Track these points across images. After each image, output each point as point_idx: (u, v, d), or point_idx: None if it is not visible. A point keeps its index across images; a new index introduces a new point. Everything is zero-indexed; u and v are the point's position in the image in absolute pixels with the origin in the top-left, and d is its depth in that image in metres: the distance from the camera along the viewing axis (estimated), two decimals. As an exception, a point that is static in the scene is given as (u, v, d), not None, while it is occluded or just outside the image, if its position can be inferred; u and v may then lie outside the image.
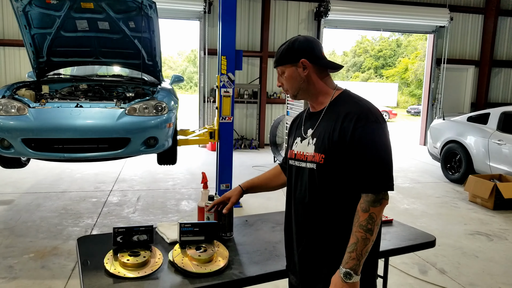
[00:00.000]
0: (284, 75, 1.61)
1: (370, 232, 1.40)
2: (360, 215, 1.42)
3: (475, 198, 5.97)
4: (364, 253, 1.40)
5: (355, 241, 1.40)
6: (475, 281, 3.57)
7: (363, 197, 1.43)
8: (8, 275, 3.36)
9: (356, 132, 1.42)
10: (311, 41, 1.58)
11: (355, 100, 1.52)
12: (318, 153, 1.50)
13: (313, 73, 1.57)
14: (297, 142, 1.64)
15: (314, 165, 1.51)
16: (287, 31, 10.72)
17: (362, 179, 1.42)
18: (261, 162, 8.58)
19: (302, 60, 1.54)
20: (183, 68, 46.70)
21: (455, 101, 12.15)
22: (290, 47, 1.57)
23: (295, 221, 1.64)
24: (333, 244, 1.51)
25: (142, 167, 7.65)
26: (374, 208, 1.41)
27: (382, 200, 1.42)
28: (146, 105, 4.29)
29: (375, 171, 1.41)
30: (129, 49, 5.14)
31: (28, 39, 4.79)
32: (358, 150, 1.42)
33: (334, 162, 1.47)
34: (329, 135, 1.47)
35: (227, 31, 4.87)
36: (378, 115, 1.47)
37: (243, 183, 2.02)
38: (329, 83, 1.61)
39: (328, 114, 1.54)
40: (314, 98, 1.61)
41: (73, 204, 5.29)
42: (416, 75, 36.09)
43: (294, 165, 1.64)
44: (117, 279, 1.64)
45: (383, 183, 1.42)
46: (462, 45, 11.86)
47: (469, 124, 7.11)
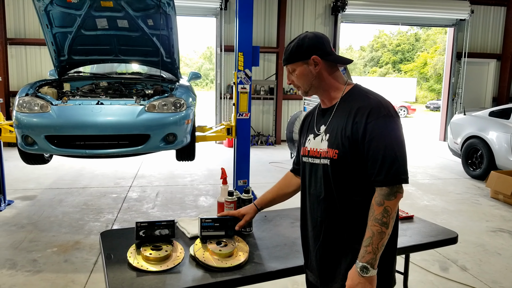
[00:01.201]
0: (295, 73, 1.60)
1: (385, 225, 1.40)
2: (375, 209, 1.42)
3: (497, 194, 5.85)
4: (380, 246, 1.40)
5: (371, 235, 1.40)
6: (498, 278, 3.50)
7: (377, 191, 1.43)
8: (33, 268, 3.45)
9: (368, 126, 1.42)
10: (321, 37, 1.58)
11: (366, 95, 1.52)
12: (331, 148, 1.50)
13: (324, 69, 1.56)
14: (310, 139, 1.64)
15: (328, 161, 1.52)
16: (304, 27, 10.65)
17: (375, 173, 1.42)
18: (278, 158, 8.58)
19: (313, 57, 1.54)
20: (199, 65, 46.90)
21: (476, 95, 11.90)
22: (300, 44, 1.56)
23: (310, 218, 1.65)
24: (350, 239, 1.51)
25: (160, 163, 7.74)
26: (389, 202, 1.41)
27: (397, 193, 1.42)
28: (165, 102, 4.33)
29: (388, 165, 1.40)
30: (148, 46, 5.19)
31: (50, 38, 4.88)
32: (371, 144, 1.42)
33: (348, 157, 1.47)
34: (342, 130, 1.48)
35: (244, 27, 4.87)
36: (390, 108, 1.46)
37: (257, 200, 2.00)
38: (340, 78, 1.61)
39: (340, 109, 1.54)
40: (326, 94, 1.61)
41: (93, 200, 5.40)
42: (435, 69, 35.45)
43: (308, 162, 1.64)
44: (140, 272, 1.67)
45: (397, 176, 1.41)
46: (483, 38, 11.60)
47: (491, 119, 6.97)
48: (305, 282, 1.78)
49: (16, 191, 5.67)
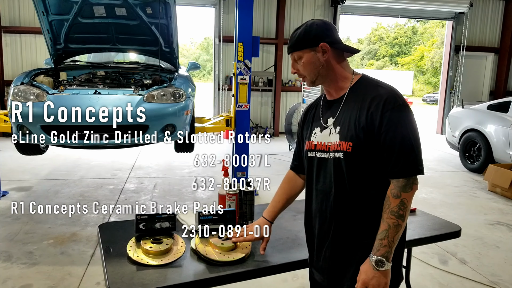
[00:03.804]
0: (301, 61, 1.53)
1: (401, 218, 1.37)
2: (391, 201, 1.39)
3: (494, 187, 5.86)
4: (395, 239, 1.38)
5: (386, 228, 1.37)
6: (497, 271, 3.51)
7: (394, 183, 1.40)
8: (28, 260, 3.40)
9: (385, 116, 1.38)
10: (329, 24, 1.53)
11: (379, 84, 1.48)
12: (344, 141, 1.44)
13: (332, 58, 1.51)
14: (316, 132, 1.57)
15: (340, 154, 1.45)
16: (303, 18, 10.57)
17: (392, 164, 1.39)
18: (276, 151, 8.54)
19: (321, 44, 1.48)
20: (196, 56, 46.61)
21: (474, 89, 11.89)
22: (308, 30, 1.50)
23: (319, 215, 1.58)
24: (361, 235, 1.47)
25: (158, 154, 7.68)
26: (405, 194, 1.38)
27: (413, 185, 1.39)
28: (164, 92, 4.28)
29: (405, 155, 1.38)
30: (146, 35, 5.10)
31: (46, 25, 4.79)
32: (388, 135, 1.38)
33: (363, 149, 1.42)
34: (355, 121, 1.42)
35: (244, 17, 4.80)
36: (403, 98, 1.43)
37: (267, 213, 1.81)
38: (347, 68, 1.55)
39: (350, 100, 1.49)
40: (333, 84, 1.54)
41: (90, 191, 5.35)
42: (432, 63, 35.46)
43: (315, 156, 1.57)
44: (140, 266, 1.64)
45: (413, 167, 1.39)
46: (482, 32, 11.56)
47: (489, 112, 6.96)
48: (305, 275, 1.74)
49: (11, 182, 5.60)
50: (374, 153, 1.42)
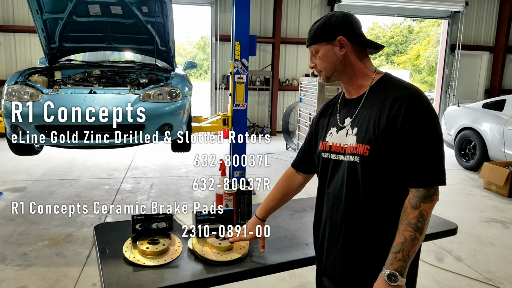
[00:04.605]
0: (318, 55, 1.44)
1: (419, 231, 1.27)
2: (409, 212, 1.28)
3: (489, 185, 5.89)
4: (411, 254, 1.28)
5: (402, 241, 1.28)
6: (492, 268, 3.53)
7: (413, 193, 1.29)
8: (23, 262, 3.37)
9: (408, 119, 1.27)
10: (350, 16, 1.42)
11: (402, 84, 1.37)
12: (361, 144, 1.34)
13: (351, 53, 1.41)
14: (332, 132, 1.48)
15: (356, 158, 1.36)
16: (300, 17, 10.58)
17: (413, 172, 1.28)
18: (273, 150, 8.53)
19: (339, 38, 1.39)
20: (193, 55, 46.49)
21: (469, 88, 11.94)
22: (326, 23, 1.41)
23: (329, 220, 1.49)
24: (373, 244, 1.38)
25: (154, 154, 7.65)
26: (425, 205, 1.28)
27: (433, 195, 1.29)
28: (160, 91, 4.25)
29: (428, 164, 1.27)
30: (142, 34, 5.08)
31: (40, 24, 4.74)
32: (410, 140, 1.27)
33: (381, 154, 1.32)
34: (375, 123, 1.32)
35: (241, 16, 4.79)
36: (428, 101, 1.31)
37: (259, 211, 1.75)
38: (368, 65, 1.45)
39: (370, 100, 1.39)
40: (351, 81, 1.44)
41: (86, 192, 5.31)
42: (428, 62, 35.51)
43: (330, 158, 1.47)
44: (137, 267, 1.61)
45: (436, 177, 1.28)
46: (477, 30, 11.61)
47: (485, 110, 6.99)
48: (303, 274, 1.71)
49: (6, 183, 5.56)
50: (393, 158, 1.31)
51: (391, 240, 1.32)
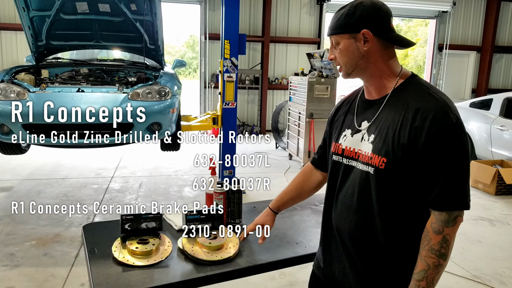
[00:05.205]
0: (338, 47, 1.29)
1: (443, 257, 1.17)
2: (432, 237, 1.18)
3: (476, 183, 5.96)
4: (435, 281, 1.19)
5: (425, 268, 1.18)
6: (479, 266, 3.57)
7: (435, 216, 1.18)
8: (10, 262, 3.33)
9: (433, 136, 1.13)
10: (380, 7, 1.25)
11: (430, 91, 1.21)
12: (377, 155, 1.22)
13: (376, 49, 1.25)
14: (346, 135, 1.36)
15: (371, 169, 1.24)
16: (289, 16, 10.59)
17: (435, 194, 1.16)
18: (263, 149, 8.53)
19: (363, 31, 1.23)
20: (182, 54, 46.27)
21: (456, 87, 12.08)
22: (350, 12, 1.24)
23: (337, 228, 1.38)
24: (392, 265, 1.27)
25: (143, 153, 7.59)
26: (448, 229, 1.16)
27: (457, 217, 1.17)
28: (149, 90, 4.22)
29: (453, 186, 1.15)
30: (131, 32, 5.04)
31: (27, 21, 4.68)
32: (434, 159, 1.15)
33: (399, 169, 1.19)
34: (394, 134, 1.19)
35: (231, 14, 4.77)
36: (458, 114, 1.18)
37: (272, 203, 1.70)
38: (394, 64, 1.29)
39: (392, 105, 1.24)
40: (373, 81, 1.30)
41: (74, 191, 5.25)
42: (415, 61, 35.84)
43: (342, 162, 1.36)
44: (126, 267, 1.60)
45: (461, 201, 1.16)
46: (464, 30, 11.75)
47: (472, 109, 7.06)
48: (292, 273, 1.67)
49: (-8, 182, 5.49)
50: (412, 176, 1.19)
51: (408, 261, 1.23)
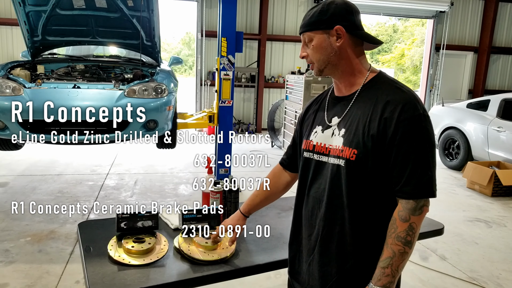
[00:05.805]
0: (311, 44, 1.33)
1: (409, 245, 1.21)
2: (398, 225, 1.21)
3: (473, 185, 5.97)
4: (400, 268, 1.22)
5: (391, 255, 1.21)
6: (476, 267, 3.57)
7: (402, 204, 1.23)
8: (5, 259, 3.30)
9: (401, 126, 1.19)
10: (351, 5, 1.31)
11: (397, 86, 1.27)
12: (348, 147, 1.26)
13: (347, 45, 1.30)
14: (317, 131, 1.39)
15: (341, 161, 1.28)
16: (286, 14, 10.56)
17: (403, 182, 1.21)
18: (258, 147, 8.52)
19: (337, 27, 1.27)
20: (178, 51, 46.13)
21: (453, 87, 12.11)
22: (324, 9, 1.29)
23: (307, 224, 1.42)
24: (358, 255, 1.30)
25: (139, 150, 7.56)
26: (415, 217, 1.21)
27: (423, 207, 1.22)
28: (145, 87, 4.20)
29: (420, 175, 1.20)
30: (127, 28, 5.00)
31: (23, 16, 4.63)
32: (402, 148, 1.20)
33: (369, 160, 1.24)
34: (365, 126, 1.24)
35: (228, 12, 4.74)
36: (424, 106, 1.24)
37: (243, 207, 1.70)
38: (363, 62, 1.34)
39: (361, 100, 1.29)
40: (344, 77, 1.34)
41: (69, 187, 5.22)
42: (412, 61, 35.91)
43: (312, 158, 1.39)
44: (122, 266, 1.59)
45: (427, 189, 1.21)
46: (462, 31, 11.77)
47: (469, 110, 7.08)
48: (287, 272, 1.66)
49: (-14, 178, 5.44)
50: (382, 166, 1.24)
51: (375, 251, 1.26)
